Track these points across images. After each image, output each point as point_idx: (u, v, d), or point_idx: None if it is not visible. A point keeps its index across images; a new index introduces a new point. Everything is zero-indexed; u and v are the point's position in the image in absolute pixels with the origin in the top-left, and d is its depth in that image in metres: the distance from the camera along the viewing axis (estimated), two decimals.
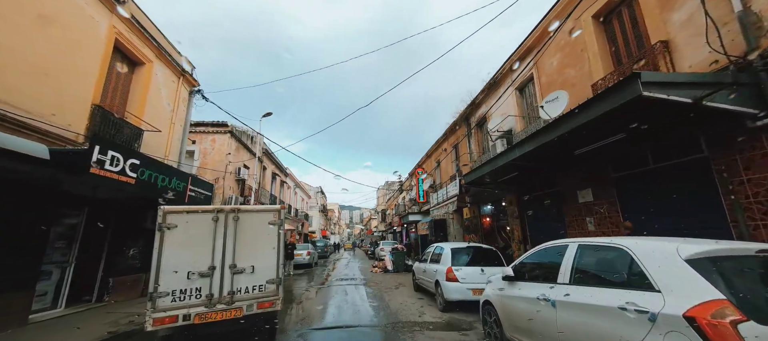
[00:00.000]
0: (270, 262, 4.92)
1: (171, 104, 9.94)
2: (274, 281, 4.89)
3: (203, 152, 13.99)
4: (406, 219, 22.64)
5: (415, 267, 8.63)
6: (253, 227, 4.98)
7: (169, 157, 9.69)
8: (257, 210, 5.17)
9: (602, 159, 6.62)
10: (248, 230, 4.94)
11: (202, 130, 14.16)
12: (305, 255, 16.58)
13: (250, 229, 4.95)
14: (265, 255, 4.92)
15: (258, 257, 4.88)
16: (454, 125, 15.76)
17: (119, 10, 7.43)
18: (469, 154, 14.26)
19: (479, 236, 12.92)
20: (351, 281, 11.45)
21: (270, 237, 5.02)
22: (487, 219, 12.98)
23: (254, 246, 4.91)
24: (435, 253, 7.29)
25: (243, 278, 4.73)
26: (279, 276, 4.93)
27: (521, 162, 7.06)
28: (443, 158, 17.98)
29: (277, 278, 4.91)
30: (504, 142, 10.40)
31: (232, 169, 14.70)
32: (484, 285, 5.84)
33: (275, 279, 4.90)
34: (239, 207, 5.02)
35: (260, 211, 5.14)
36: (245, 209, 5.06)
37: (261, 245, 4.95)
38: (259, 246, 4.93)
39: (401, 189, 28.27)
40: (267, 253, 4.94)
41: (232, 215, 4.90)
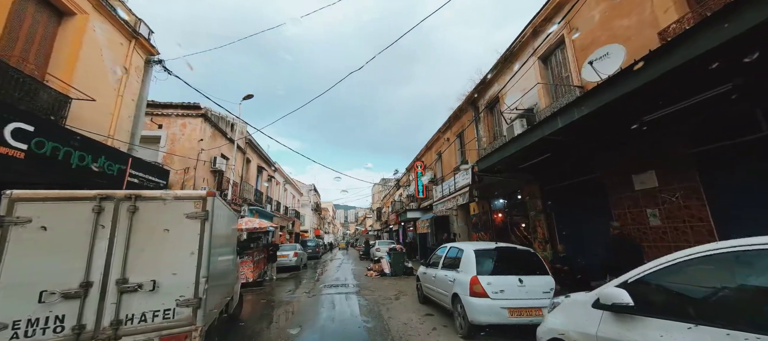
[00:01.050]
0: (185, 275, 3.19)
1: (119, 72, 8.05)
2: (189, 302, 3.13)
3: (171, 138, 12.08)
4: (404, 217, 20.93)
5: (421, 274, 6.90)
6: (160, 223, 3.25)
7: (116, 136, 7.81)
8: (168, 197, 3.39)
9: (670, 131, 4.98)
10: (152, 227, 3.20)
11: (170, 113, 12.24)
12: (291, 256, 14.76)
13: (156, 226, 3.24)
14: (176, 264, 3.18)
15: (165, 267, 3.15)
16: (459, 110, 14.08)
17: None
18: (477, 142, 12.58)
19: (490, 235, 11.25)
20: (342, 288, 9.67)
21: (187, 237, 3.29)
22: (498, 215, 11.32)
23: (159, 250, 3.16)
24: (449, 257, 5.56)
25: (137, 299, 2.99)
26: (199, 296, 3.17)
27: (561, 135, 5.39)
28: (445, 149, 16.30)
29: (194, 298, 3.16)
30: (523, 123, 8.73)
31: (206, 158, 12.81)
32: (526, 302, 4.17)
33: (192, 300, 3.14)
34: (140, 193, 3.27)
35: (173, 199, 3.37)
36: (149, 196, 3.30)
37: (171, 249, 3.22)
38: (167, 250, 3.19)
39: (398, 185, 26.56)
40: (180, 261, 3.20)
41: (127, 204, 3.16)
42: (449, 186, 10.22)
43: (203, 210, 3.38)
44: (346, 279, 11.86)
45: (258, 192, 20.17)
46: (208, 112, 12.93)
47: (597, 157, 6.43)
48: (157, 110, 12.15)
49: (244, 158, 17.75)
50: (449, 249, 5.71)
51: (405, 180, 25.41)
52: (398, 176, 26.58)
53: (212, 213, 3.45)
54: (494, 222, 11.33)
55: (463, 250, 4.98)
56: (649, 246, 5.34)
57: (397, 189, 26.74)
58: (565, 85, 7.67)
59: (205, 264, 3.25)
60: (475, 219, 12.49)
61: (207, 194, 3.47)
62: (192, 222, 3.32)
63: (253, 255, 10.37)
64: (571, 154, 6.61)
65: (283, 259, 14.65)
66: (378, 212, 44.07)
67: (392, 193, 32.28)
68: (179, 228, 3.26)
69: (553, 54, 8.38)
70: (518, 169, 7.87)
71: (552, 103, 8.18)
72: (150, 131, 12.04)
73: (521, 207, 10.08)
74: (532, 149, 6.19)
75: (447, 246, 5.97)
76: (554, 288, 4.32)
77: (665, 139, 5.13)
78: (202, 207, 3.39)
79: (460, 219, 14.80)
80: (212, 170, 13.20)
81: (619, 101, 4.06)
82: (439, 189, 11.90)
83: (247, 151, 18.04)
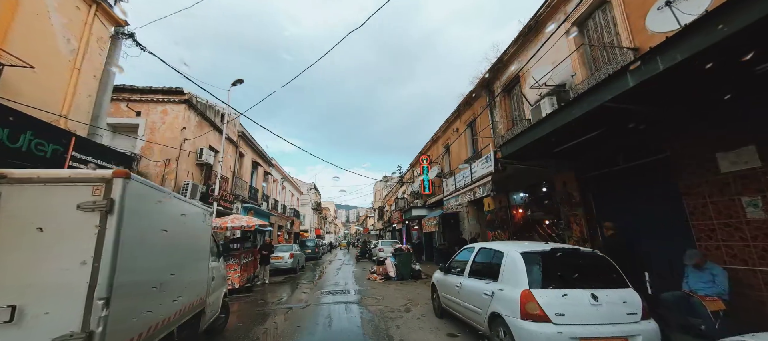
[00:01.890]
0: (68, 296, 1.90)
1: (75, 42, 6.77)
2: (76, 337, 1.82)
3: (151, 126, 10.81)
4: (409, 215, 19.63)
5: (439, 281, 5.57)
6: (34, 217, 1.92)
7: (72, 116, 6.54)
8: (51, 179, 2.11)
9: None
10: (20, 224, 1.94)
11: (149, 98, 10.97)
12: (287, 257, 13.48)
13: (27, 222, 1.92)
14: (56, 281, 1.88)
15: (35, 285, 1.85)
16: (471, 97, 12.75)
17: None
18: (491, 130, 11.25)
19: (509, 234, 9.93)
20: (341, 295, 8.37)
21: (77, 238, 2.03)
22: (519, 210, 9.99)
23: (28, 259, 1.86)
24: (479, 262, 4.20)
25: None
26: (90, 328, 1.89)
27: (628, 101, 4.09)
28: (454, 140, 14.99)
29: (82, 331, 1.88)
30: (553, 101, 7.42)
31: (192, 149, 11.54)
32: (606, 329, 2.81)
33: (77, 336, 1.84)
34: (7, 172, 1.96)
35: (58, 183, 2.10)
36: (19, 176, 2.05)
37: (48, 257, 1.97)
38: (42, 259, 1.91)
39: (402, 181, 25.24)
40: (62, 275, 1.91)
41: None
42: (464, 178, 8.90)
43: (106, 198, 2.10)
44: (347, 283, 10.56)
45: (253, 189, 18.91)
46: (193, 99, 11.65)
47: (659, 134, 5.11)
48: (134, 95, 10.89)
49: (237, 152, 16.49)
50: (479, 251, 4.38)
51: (409, 177, 24.11)
52: (402, 172, 25.26)
53: (123, 203, 2.16)
54: (513, 218, 10.01)
55: (503, 253, 3.64)
56: (745, 245, 4.03)
57: (400, 186, 25.43)
58: (612, 50, 6.34)
59: (105, 279, 1.98)
60: (490, 216, 11.17)
61: (114, 175, 2.20)
62: (86, 217, 2.04)
63: (240, 257, 9.10)
64: (625, 131, 5.29)
65: (277, 261, 13.38)
66: (380, 211, 42.78)
67: (395, 191, 30.99)
68: (63, 225, 2.01)
69: (592, 17, 7.05)
70: (552, 154, 6.55)
71: (590, 75, 6.86)
72: (126, 119, 10.79)
73: (546, 201, 8.77)
74: (575, 126, 4.88)
75: (474, 246, 4.64)
76: (643, 307, 3.01)
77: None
78: (104, 194, 2.11)
79: (471, 216, 13.48)
80: (198, 163, 11.93)
81: (733, 40, 2.75)
82: (450, 181, 10.59)
83: (240, 144, 16.78)
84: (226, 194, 13.60)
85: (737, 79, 3.65)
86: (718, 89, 3.91)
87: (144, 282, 2.67)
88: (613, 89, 3.96)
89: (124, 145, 10.44)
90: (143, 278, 2.67)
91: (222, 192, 13.11)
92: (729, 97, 3.97)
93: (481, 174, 7.53)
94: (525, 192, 9.92)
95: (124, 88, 10.83)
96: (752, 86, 3.75)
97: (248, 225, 9.12)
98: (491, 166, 6.96)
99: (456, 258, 5.14)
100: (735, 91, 3.84)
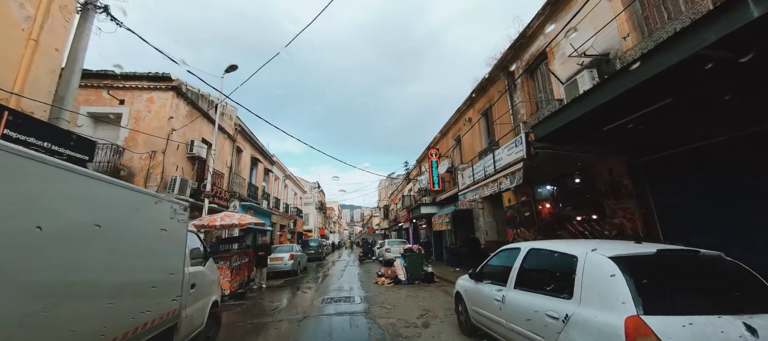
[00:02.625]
0: None
1: (30, 8, 5.78)
2: None
3: (135, 115, 9.83)
4: (417, 213, 18.49)
5: (466, 290, 4.39)
6: None
7: (26, 93, 5.54)
8: None
9: None
10: None
11: (134, 85, 9.99)
12: (287, 259, 12.43)
13: None
14: None
15: None
16: (487, 81, 11.58)
17: None
18: (511, 116, 10.09)
19: (534, 232, 8.76)
20: (345, 303, 7.28)
21: None
22: (546, 205, 8.82)
23: None
24: (532, 268, 3.00)
25: None
26: None
27: (734, 49, 2.93)
28: (466, 132, 13.82)
29: None
30: (593, 74, 6.29)
31: (182, 141, 10.55)
32: None
33: None
34: None
35: None
36: None
37: None
38: None
39: (408, 178, 24.10)
40: None
41: None
42: (486, 168, 7.76)
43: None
44: (352, 288, 9.47)
45: (252, 186, 17.93)
46: (183, 86, 10.65)
47: (738, 105, 3.92)
48: (117, 82, 9.92)
49: (234, 147, 15.50)
50: (529, 252, 3.18)
51: (416, 173, 22.97)
52: (409, 168, 24.14)
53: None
54: (540, 215, 8.83)
55: (575, 257, 2.47)
56: None
57: (407, 182, 24.30)
58: (675, 3, 5.16)
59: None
60: (511, 213, 10.00)
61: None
62: None
63: (232, 259, 8.06)
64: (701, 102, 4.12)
65: (276, 263, 12.34)
66: (385, 210, 41.68)
67: (400, 189, 29.88)
68: None
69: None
70: (598, 135, 5.37)
71: (642, 40, 5.67)
72: (109, 108, 9.82)
73: (580, 193, 7.60)
74: (637, 94, 3.72)
75: (522, 247, 3.43)
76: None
77: None
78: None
79: (487, 213, 12.32)
80: (189, 156, 10.94)
81: None
82: (466, 173, 9.44)
83: (237, 138, 15.79)
84: (221, 191, 12.61)
85: None
86: None
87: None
88: (723, 26, 2.80)
89: (107, 137, 9.49)
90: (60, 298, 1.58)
91: (216, 188, 12.11)
92: None
93: (508, 161, 6.39)
94: (552, 185, 8.75)
95: (106, 74, 9.87)
96: None
97: (240, 223, 8.08)
98: (522, 150, 5.82)
99: (491, 261, 4.00)
100: None
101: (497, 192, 7.48)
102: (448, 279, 10.23)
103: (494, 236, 11.97)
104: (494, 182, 7.09)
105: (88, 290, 2.40)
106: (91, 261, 2.42)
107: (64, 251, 2.15)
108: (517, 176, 6.01)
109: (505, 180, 6.52)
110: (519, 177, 6.00)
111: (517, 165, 6.04)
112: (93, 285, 2.46)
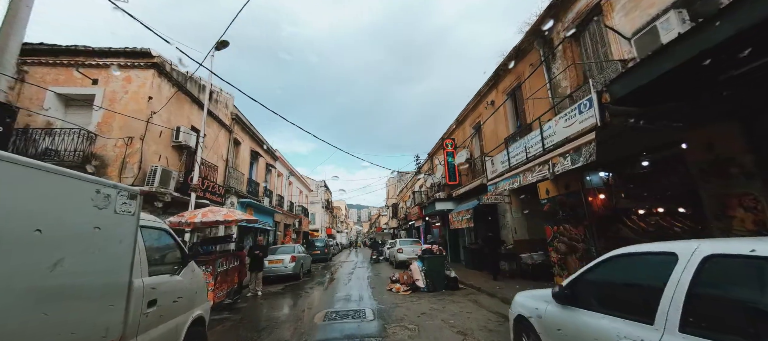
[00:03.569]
0: None
1: None
2: None
3: (110, 97, 8.52)
4: (430, 210, 16.93)
5: (550, 320, 2.66)
6: None
7: None
8: None
9: None
10: None
11: (109, 62, 8.69)
12: (287, 261, 11.01)
13: None
14: None
15: None
16: (515, 54, 9.97)
17: None
18: (548, 91, 8.47)
19: (583, 230, 7.14)
20: (353, 320, 5.76)
21: None
22: (598, 196, 7.19)
23: None
24: (714, 295, 1.55)
25: None
26: None
27: None
28: (488, 117, 12.22)
29: None
30: (683, 15, 4.71)
31: (166, 127, 9.21)
32: None
33: None
34: None
35: None
36: None
37: None
38: None
39: (419, 172, 22.53)
40: None
41: None
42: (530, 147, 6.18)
43: None
44: (362, 297, 7.99)
45: (253, 182, 16.62)
46: (166, 65, 9.31)
47: None
48: (90, 59, 8.63)
49: (231, 138, 14.18)
50: (706, 263, 1.65)
51: (427, 168, 21.39)
52: (420, 163, 22.56)
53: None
54: (590, 207, 7.20)
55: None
56: None
57: (418, 177, 22.73)
58: None
59: None
60: (549, 206, 8.38)
61: None
62: None
63: (216, 263, 6.66)
64: None
65: (276, 266, 10.95)
66: (393, 208, 40.15)
67: (410, 186, 28.34)
68: None
69: None
70: (712, 91, 3.77)
71: None
72: (80, 88, 8.53)
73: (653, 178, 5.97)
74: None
75: (678, 251, 1.79)
76: None
77: None
78: None
79: (516, 207, 10.70)
80: (174, 144, 9.60)
81: None
82: (500, 158, 7.85)
83: (234, 129, 14.47)
84: (214, 185, 11.27)
85: None
86: None
87: None
88: None
89: (79, 122, 8.20)
90: None
91: (208, 182, 10.77)
92: None
93: (567, 134, 4.82)
94: (607, 171, 7.12)
95: (77, 50, 8.60)
96: None
97: (227, 219, 6.64)
98: (592, 116, 4.25)
99: (596, 273, 2.41)
100: None
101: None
102: (474, 286, 8.68)
103: (524, 234, 10.36)
104: (543, 164, 5.50)
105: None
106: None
107: None
108: (586, 151, 4.41)
109: (561, 159, 4.94)
110: (588, 154, 4.40)
111: (586, 137, 4.44)
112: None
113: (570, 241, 7.59)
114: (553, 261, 8.14)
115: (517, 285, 8.48)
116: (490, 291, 7.80)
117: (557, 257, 7.97)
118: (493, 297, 7.35)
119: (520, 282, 8.93)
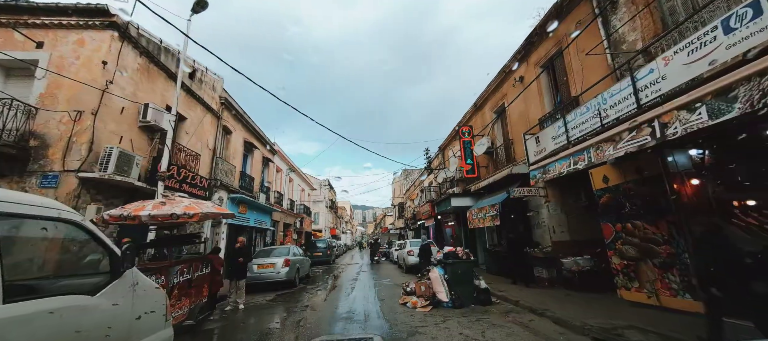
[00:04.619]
0: None
1: None
2: None
3: (57, 63, 6.89)
4: (445, 207, 15.08)
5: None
6: None
7: None
8: None
9: None
10: None
11: (57, 22, 7.07)
12: (280, 265, 9.26)
13: None
14: None
15: None
16: (555, 12, 8.14)
17: None
18: (606, 50, 6.64)
19: (668, 226, 5.28)
20: None
21: None
22: (690, 182, 5.32)
23: None
24: None
25: None
26: None
27: None
28: (515, 97, 10.37)
29: None
30: None
31: (131, 102, 7.56)
32: None
33: None
34: None
35: None
36: None
37: None
38: None
39: (430, 168, 20.70)
40: None
41: None
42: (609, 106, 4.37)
43: None
44: (368, 314, 6.20)
45: (247, 176, 14.97)
46: (130, 27, 7.66)
47: None
48: (34, 18, 7.02)
49: (219, 124, 12.53)
50: None
51: (438, 163, 19.55)
52: (430, 157, 20.73)
53: None
54: (679, 197, 5.31)
55: None
56: None
57: (429, 172, 20.88)
58: None
59: None
60: (608, 198, 6.52)
61: None
62: None
63: (172, 273, 4.93)
64: None
65: (266, 271, 9.22)
66: (400, 207, 38.30)
67: (418, 184, 26.50)
68: None
69: None
70: None
71: None
72: (21, 52, 6.92)
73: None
74: None
75: None
76: None
77: None
78: None
79: (554, 202, 8.81)
80: (142, 124, 7.94)
81: None
82: (550, 132, 6.01)
83: (223, 115, 12.82)
84: (195, 176, 9.60)
85: None
86: None
87: None
88: None
89: (18, 94, 6.58)
90: None
91: (186, 171, 9.11)
92: None
93: (703, 69, 3.00)
94: (701, 150, 5.26)
95: (18, 7, 6.99)
96: None
97: (188, 212, 4.87)
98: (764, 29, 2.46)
99: None
100: None
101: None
102: (510, 299, 6.84)
103: (564, 235, 8.48)
104: (639, 127, 3.65)
105: None
106: None
107: None
108: (747, 91, 2.58)
109: (685, 113, 3.10)
110: (760, 92, 2.56)
111: (747, 68, 2.60)
112: None
113: (643, 242, 5.74)
114: (614, 268, 6.28)
115: (561, 296, 6.64)
116: (534, 306, 5.97)
117: (621, 263, 6.12)
118: (541, 316, 5.53)
119: (564, 292, 7.10)
